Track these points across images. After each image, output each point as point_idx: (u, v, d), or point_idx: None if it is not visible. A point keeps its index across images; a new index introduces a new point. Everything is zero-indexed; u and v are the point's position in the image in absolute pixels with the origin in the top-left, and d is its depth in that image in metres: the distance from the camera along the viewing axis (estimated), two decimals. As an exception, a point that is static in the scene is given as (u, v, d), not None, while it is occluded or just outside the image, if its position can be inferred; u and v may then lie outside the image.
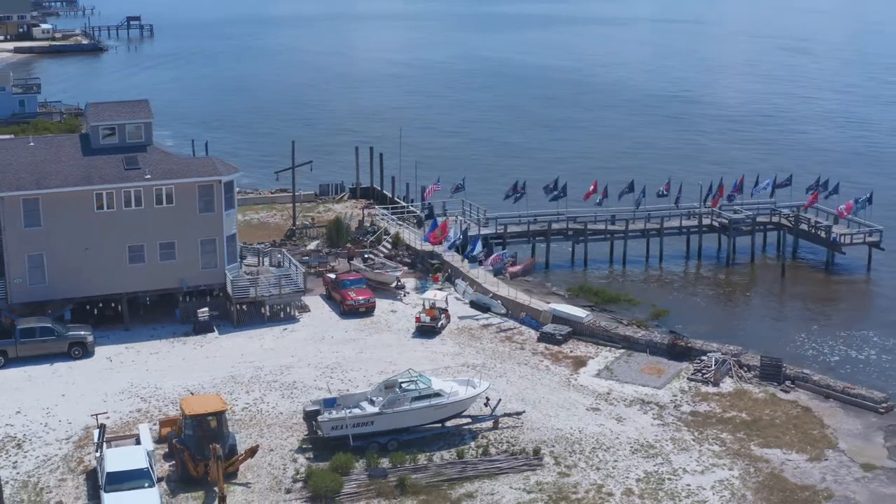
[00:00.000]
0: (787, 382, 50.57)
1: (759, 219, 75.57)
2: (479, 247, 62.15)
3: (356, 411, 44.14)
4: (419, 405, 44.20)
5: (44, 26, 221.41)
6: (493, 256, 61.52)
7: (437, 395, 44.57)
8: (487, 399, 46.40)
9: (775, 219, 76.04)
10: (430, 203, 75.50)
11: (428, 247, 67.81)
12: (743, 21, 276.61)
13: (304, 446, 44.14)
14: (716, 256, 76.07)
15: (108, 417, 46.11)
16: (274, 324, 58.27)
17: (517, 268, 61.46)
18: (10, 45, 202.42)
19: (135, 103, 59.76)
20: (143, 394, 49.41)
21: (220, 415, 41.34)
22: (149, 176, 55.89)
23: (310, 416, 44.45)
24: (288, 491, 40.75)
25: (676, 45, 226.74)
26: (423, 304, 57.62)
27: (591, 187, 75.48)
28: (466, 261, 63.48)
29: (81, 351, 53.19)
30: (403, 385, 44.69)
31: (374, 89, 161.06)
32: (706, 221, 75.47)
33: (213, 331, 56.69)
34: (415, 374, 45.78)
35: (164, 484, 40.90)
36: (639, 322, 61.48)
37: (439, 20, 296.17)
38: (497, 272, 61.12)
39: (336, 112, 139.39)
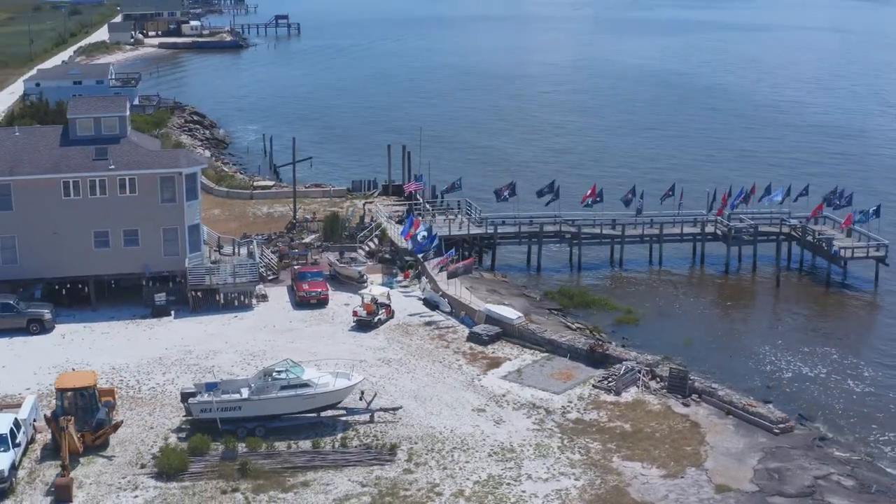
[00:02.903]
0: (694, 396, 49.00)
1: (764, 228, 72.59)
2: (434, 243, 62.78)
3: (234, 396, 46.02)
4: (286, 394, 45.59)
5: (193, 23, 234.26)
6: (441, 258, 62.04)
7: (306, 385, 45.85)
8: (362, 393, 47.31)
9: (785, 229, 72.81)
10: (409, 203, 76.45)
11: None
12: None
13: (182, 426, 46.40)
14: (718, 265, 73.58)
15: (34, 391, 49.91)
16: (228, 311, 60.82)
17: (458, 265, 61.60)
18: (156, 41, 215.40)
19: (113, 98, 63.70)
20: (73, 369, 52.90)
21: (86, 390, 44.12)
22: (112, 166, 59.47)
23: (186, 398, 46.66)
24: (142, 466, 43.06)
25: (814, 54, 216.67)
26: (362, 299, 58.89)
27: (589, 191, 74.46)
28: (421, 257, 64.30)
29: (39, 327, 57.22)
30: (275, 373, 46.20)
31: (476, 91, 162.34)
32: (709, 229, 73.16)
33: (169, 315, 59.80)
34: (291, 363, 47.20)
35: (38, 451, 44.12)
36: (592, 327, 60.74)
37: (584, 23, 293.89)
38: (441, 270, 61.65)
39: (427, 112, 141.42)
